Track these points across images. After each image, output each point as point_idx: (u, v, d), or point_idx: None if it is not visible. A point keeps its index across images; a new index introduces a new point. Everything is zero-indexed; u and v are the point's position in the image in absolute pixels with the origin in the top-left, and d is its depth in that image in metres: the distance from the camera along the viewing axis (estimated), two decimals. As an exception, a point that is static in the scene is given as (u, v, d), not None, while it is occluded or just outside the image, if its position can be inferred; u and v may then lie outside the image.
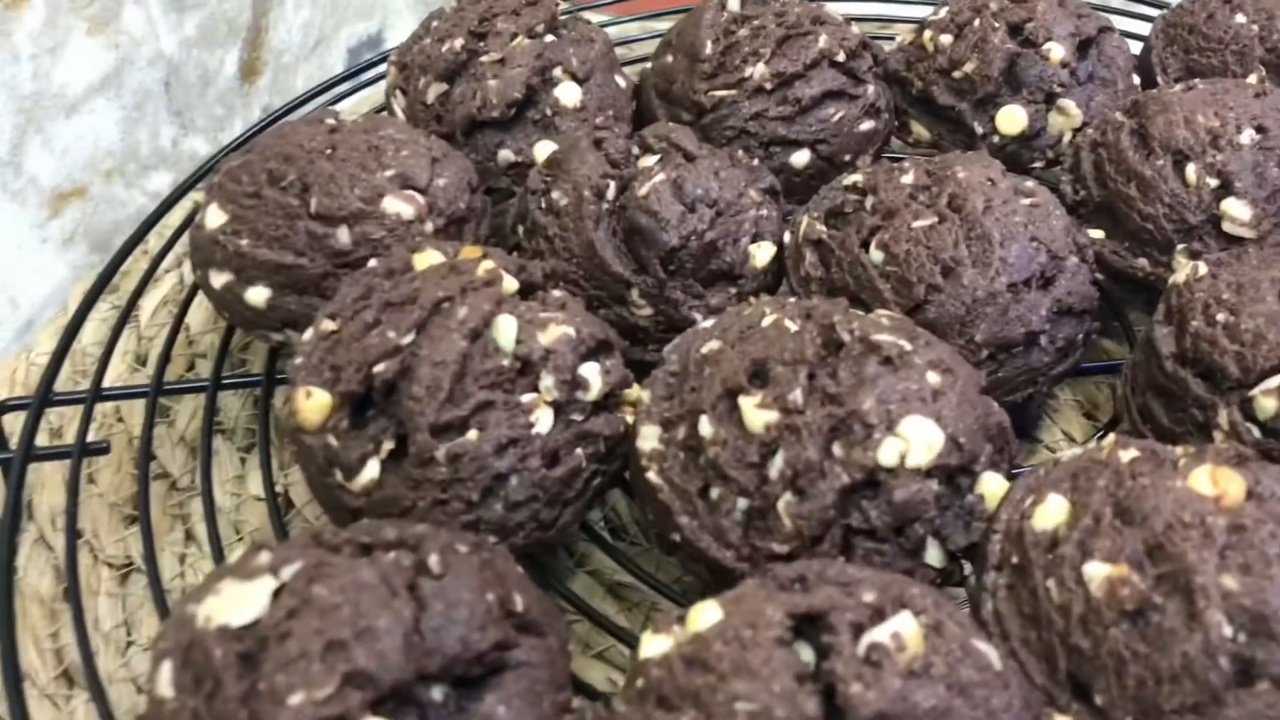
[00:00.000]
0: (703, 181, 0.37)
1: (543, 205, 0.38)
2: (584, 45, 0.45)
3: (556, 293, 0.34)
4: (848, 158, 0.44)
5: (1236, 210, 0.37)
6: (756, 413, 0.29)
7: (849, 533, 0.29)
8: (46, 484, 0.39)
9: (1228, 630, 0.24)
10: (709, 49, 0.44)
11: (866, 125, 0.44)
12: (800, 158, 0.43)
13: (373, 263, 0.34)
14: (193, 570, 0.36)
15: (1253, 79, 0.44)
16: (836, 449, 0.29)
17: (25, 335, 0.45)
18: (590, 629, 0.34)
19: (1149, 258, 0.39)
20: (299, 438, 0.31)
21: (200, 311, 0.44)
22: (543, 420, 0.31)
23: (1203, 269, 0.35)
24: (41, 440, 0.37)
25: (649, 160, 0.38)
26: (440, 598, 0.25)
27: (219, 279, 0.37)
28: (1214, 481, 0.26)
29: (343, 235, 0.36)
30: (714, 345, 0.31)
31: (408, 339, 0.31)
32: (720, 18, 0.44)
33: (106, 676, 0.33)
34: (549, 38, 0.44)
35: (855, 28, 0.45)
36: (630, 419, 0.32)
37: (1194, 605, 0.24)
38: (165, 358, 0.39)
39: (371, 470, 0.30)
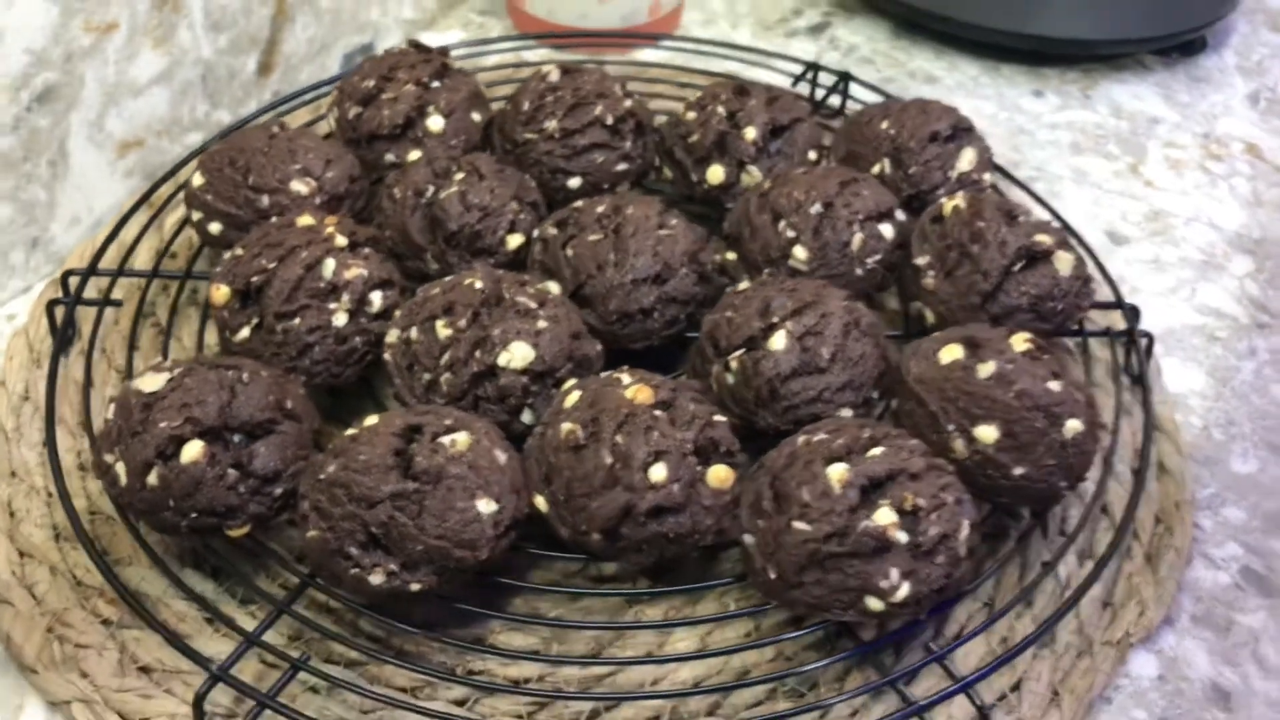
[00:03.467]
0: (479, 193, 0.62)
1: (390, 195, 0.64)
2: (453, 91, 0.70)
3: (367, 250, 0.60)
4: (607, 185, 0.69)
5: (799, 253, 0.62)
6: (442, 329, 0.55)
7: (477, 399, 0.54)
8: (87, 321, 0.66)
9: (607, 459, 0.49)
10: (526, 105, 0.69)
11: (620, 166, 0.68)
12: (573, 182, 0.68)
13: (274, 219, 0.61)
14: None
15: (877, 168, 0.68)
16: (477, 353, 0.54)
17: (94, 230, 0.73)
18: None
19: (751, 277, 0.63)
20: (212, 310, 0.58)
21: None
22: (339, 319, 0.57)
23: (745, 284, 0.59)
24: (88, 294, 0.65)
25: (458, 175, 0.64)
26: (244, 391, 0.51)
27: (195, 215, 0.64)
28: (638, 392, 0.51)
29: (264, 200, 0.62)
30: (433, 291, 0.57)
31: (273, 265, 0.57)
32: (540, 85, 0.69)
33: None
34: (434, 84, 0.70)
35: (629, 101, 0.70)
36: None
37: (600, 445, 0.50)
38: (163, 253, 0.66)
39: (244, 333, 0.56)
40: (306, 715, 0.46)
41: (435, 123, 0.68)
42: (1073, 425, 0.51)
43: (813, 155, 0.69)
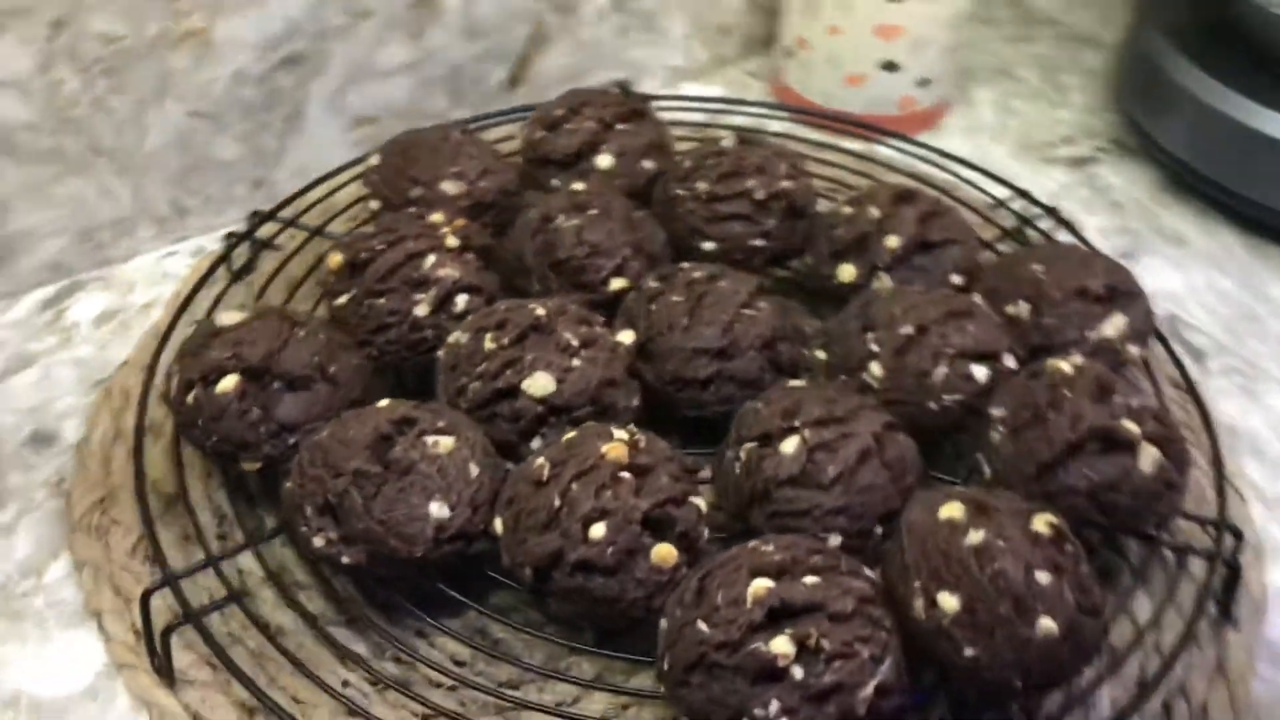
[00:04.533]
0: (596, 231, 0.65)
1: (525, 213, 0.68)
2: (633, 136, 0.73)
3: (472, 256, 0.64)
4: (740, 257, 0.69)
5: (875, 369, 0.59)
6: (488, 341, 0.58)
7: (494, 414, 0.57)
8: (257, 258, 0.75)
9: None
10: (688, 164, 0.70)
11: (757, 242, 0.68)
12: (708, 246, 0.68)
13: (412, 209, 0.66)
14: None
15: (1012, 308, 0.64)
16: (506, 371, 0.57)
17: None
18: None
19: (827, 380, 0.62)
20: (326, 273, 0.64)
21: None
22: (420, 310, 0.61)
23: (796, 383, 0.58)
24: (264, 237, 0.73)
25: (590, 211, 0.66)
26: (295, 345, 0.56)
27: (365, 191, 0.71)
28: (614, 449, 0.51)
29: (415, 191, 0.68)
30: (500, 307, 0.60)
31: (382, 246, 0.62)
32: (708, 149, 0.71)
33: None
34: (618, 125, 0.73)
35: (788, 182, 0.70)
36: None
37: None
38: (334, 217, 0.74)
39: (342, 300, 0.62)
40: (217, 641, 0.50)
41: (604, 160, 0.71)
42: (1045, 625, 0.47)
43: (957, 279, 0.66)
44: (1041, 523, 0.50)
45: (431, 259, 0.61)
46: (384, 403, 0.55)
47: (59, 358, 0.69)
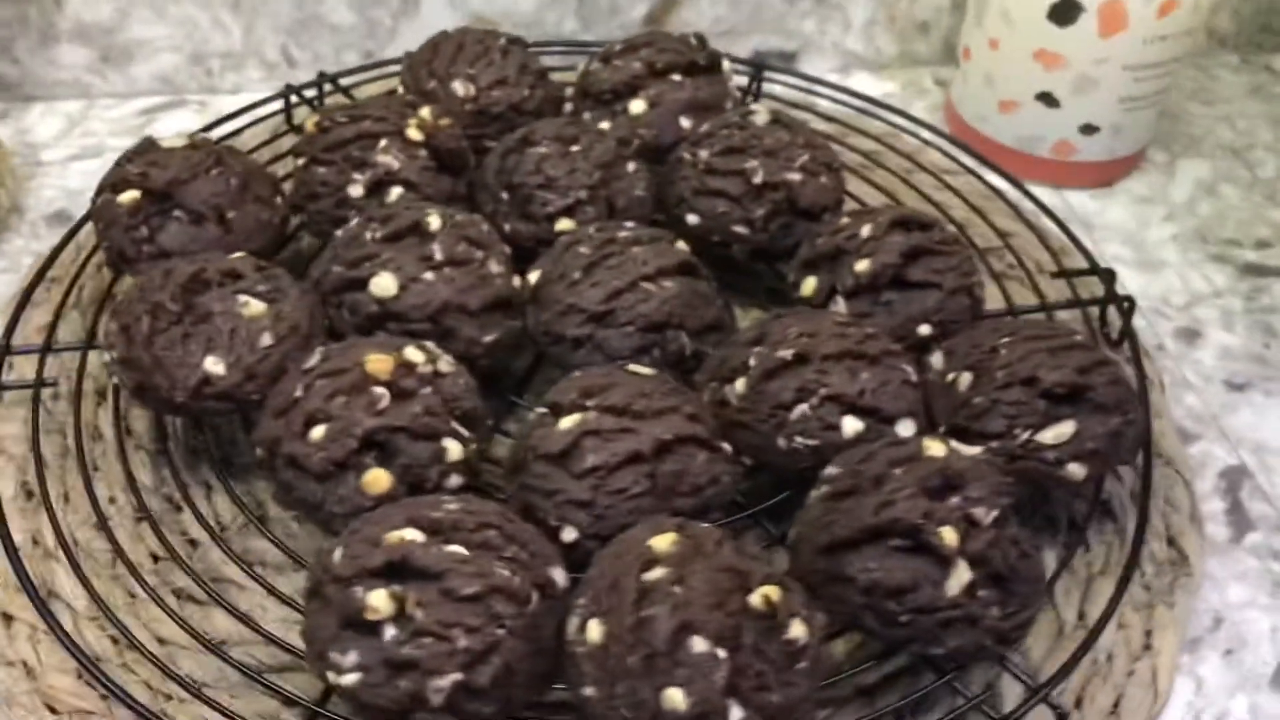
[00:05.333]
0: (558, 165, 0.61)
1: (512, 132, 0.65)
2: (680, 90, 0.68)
3: (427, 153, 0.62)
4: (717, 239, 0.63)
5: (739, 386, 0.52)
6: (368, 234, 0.57)
7: (340, 304, 0.56)
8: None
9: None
10: (706, 128, 0.65)
11: (738, 229, 0.62)
12: (690, 219, 0.63)
13: (410, 98, 0.66)
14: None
15: (953, 376, 0.54)
16: (365, 265, 0.55)
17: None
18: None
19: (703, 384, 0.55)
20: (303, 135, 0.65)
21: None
22: (354, 190, 0.60)
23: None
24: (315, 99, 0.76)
25: (573, 148, 0.63)
26: (209, 182, 0.58)
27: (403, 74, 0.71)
28: (378, 362, 0.49)
29: (430, 84, 0.67)
30: (403, 206, 0.58)
31: (343, 120, 0.62)
32: (735, 119, 0.65)
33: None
34: (676, 77, 0.68)
35: (797, 175, 0.62)
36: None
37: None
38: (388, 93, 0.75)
39: (300, 162, 0.64)
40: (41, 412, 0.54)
41: (636, 105, 0.68)
42: (672, 697, 0.40)
43: (925, 330, 0.57)
44: (760, 595, 0.42)
45: (383, 143, 0.61)
46: (238, 255, 0.55)
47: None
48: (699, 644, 0.40)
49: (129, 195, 0.57)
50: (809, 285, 0.59)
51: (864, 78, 0.88)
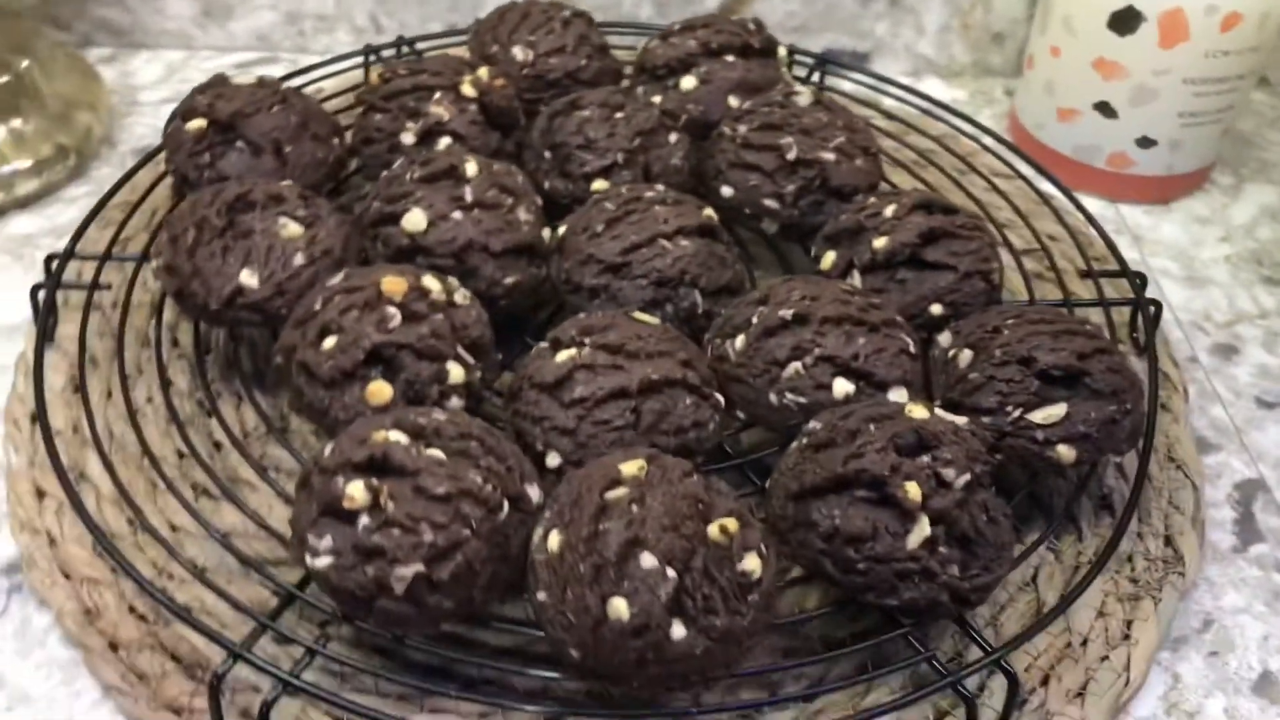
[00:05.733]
0: (599, 129, 0.64)
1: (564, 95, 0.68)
2: (731, 70, 0.70)
3: (477, 109, 0.65)
4: (749, 212, 0.64)
5: (738, 343, 0.54)
6: (409, 174, 0.60)
7: (375, 237, 0.59)
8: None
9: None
10: (748, 105, 0.67)
11: (768, 202, 0.63)
12: (725, 190, 0.64)
13: (474, 59, 0.69)
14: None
15: (954, 353, 0.54)
16: (402, 201, 0.59)
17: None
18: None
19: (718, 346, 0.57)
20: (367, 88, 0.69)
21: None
22: (406, 138, 0.64)
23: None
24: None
25: (617, 114, 0.65)
26: (271, 117, 0.62)
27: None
28: (393, 284, 0.52)
29: (492, 48, 0.71)
30: (449, 151, 0.62)
31: (403, 72, 0.66)
32: (778, 97, 0.66)
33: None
34: (730, 58, 0.70)
35: (831, 155, 0.64)
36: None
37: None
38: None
39: (360, 110, 0.67)
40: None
41: (687, 81, 0.70)
42: (617, 607, 0.42)
43: (936, 309, 0.58)
44: (718, 525, 0.44)
45: (437, 95, 0.64)
46: (285, 183, 0.59)
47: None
48: (648, 559, 0.42)
49: (196, 124, 0.62)
50: (828, 259, 0.60)
51: (934, 83, 0.88)
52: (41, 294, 0.59)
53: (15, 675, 0.49)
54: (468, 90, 0.65)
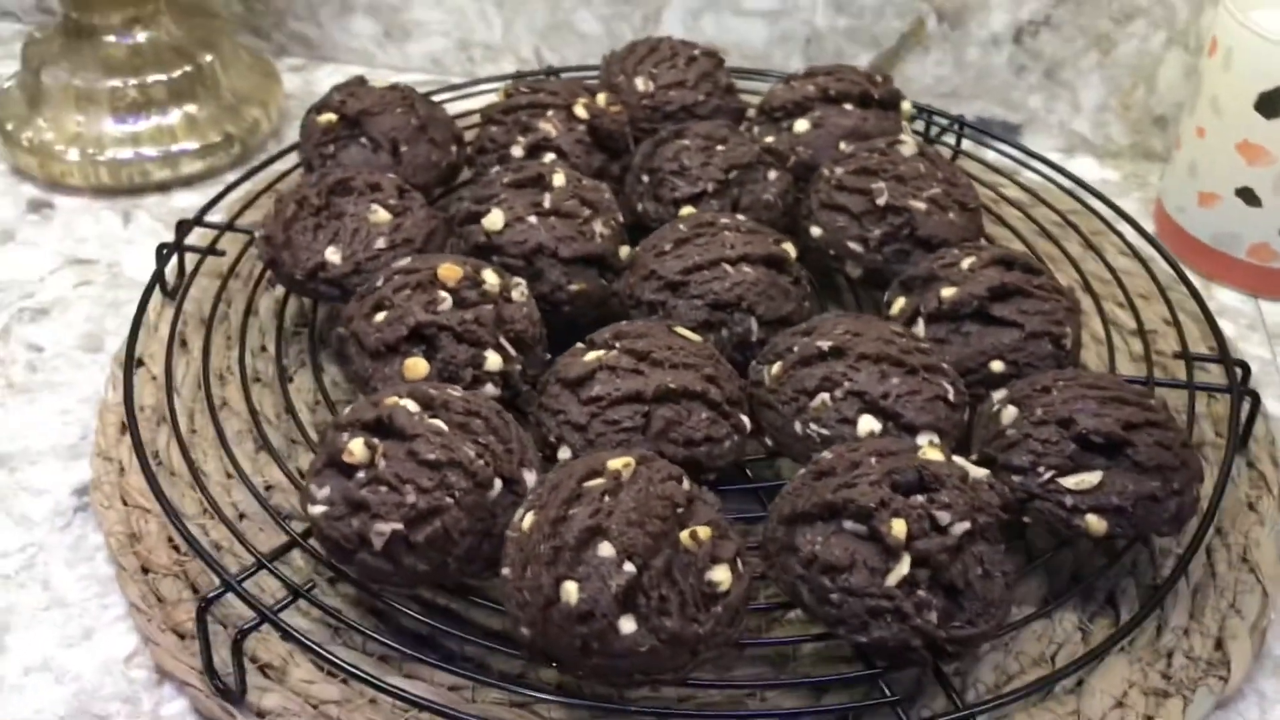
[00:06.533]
0: (694, 157, 0.65)
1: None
2: (843, 115, 0.70)
3: (587, 131, 0.68)
4: (834, 253, 0.64)
5: (775, 369, 0.54)
6: (500, 178, 0.63)
7: (460, 234, 0.62)
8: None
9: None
10: (848, 150, 0.67)
11: (854, 245, 0.63)
12: (815, 230, 0.65)
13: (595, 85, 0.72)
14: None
15: (996, 408, 0.52)
16: (489, 203, 0.61)
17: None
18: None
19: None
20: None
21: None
22: (516, 150, 0.67)
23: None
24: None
25: (718, 147, 0.67)
26: (385, 116, 0.67)
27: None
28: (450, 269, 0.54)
29: (619, 79, 0.74)
30: (543, 163, 0.64)
31: (524, 90, 0.69)
32: (882, 144, 0.66)
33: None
34: (848, 107, 0.71)
35: (922, 204, 0.63)
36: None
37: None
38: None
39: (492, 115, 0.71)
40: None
41: (800, 125, 0.71)
42: (569, 591, 0.42)
43: (998, 366, 0.56)
44: (690, 533, 0.44)
45: (550, 114, 0.67)
46: (388, 176, 0.63)
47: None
48: (605, 549, 0.42)
49: (326, 117, 0.67)
50: (898, 304, 0.59)
51: (1088, 162, 0.86)
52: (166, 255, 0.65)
53: (60, 582, 0.53)
54: (580, 112, 0.67)
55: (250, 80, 0.82)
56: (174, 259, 0.65)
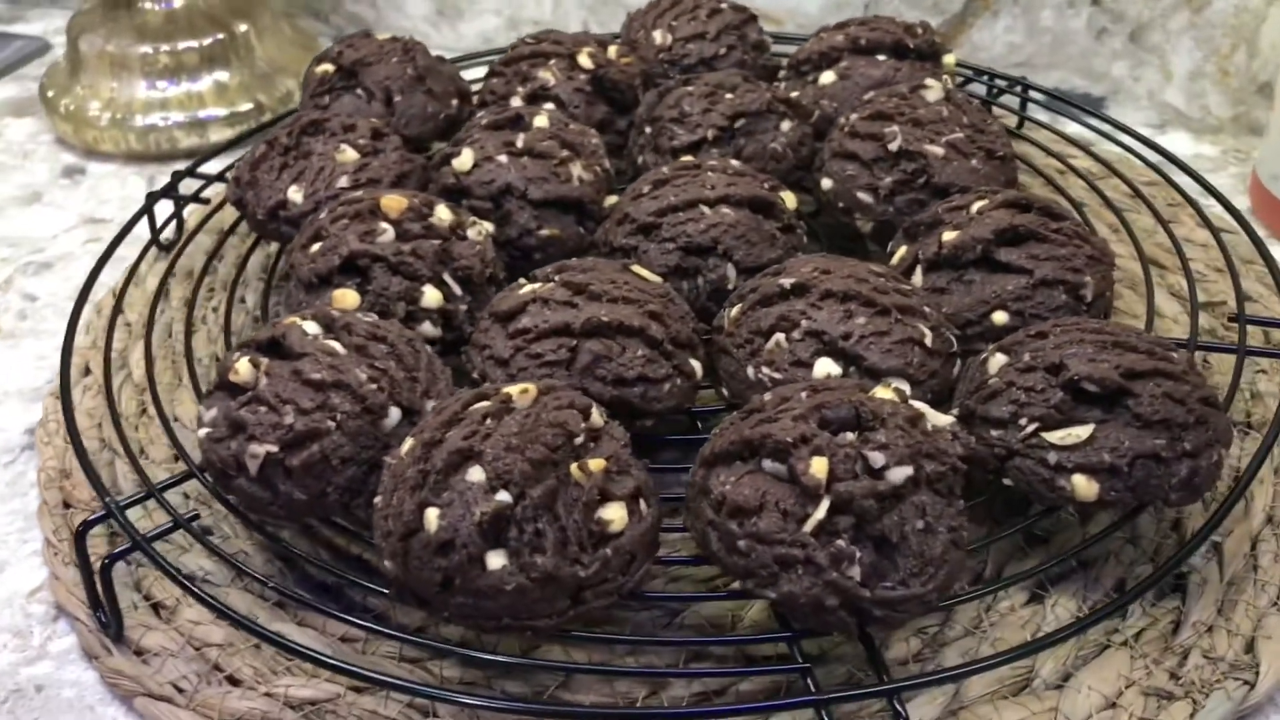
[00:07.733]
0: (696, 104, 0.60)
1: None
2: (873, 66, 0.64)
3: (586, 78, 0.64)
4: (844, 205, 0.58)
5: (734, 311, 0.48)
6: (484, 119, 0.59)
7: (438, 176, 0.58)
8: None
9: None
10: (867, 97, 0.60)
11: (863, 195, 0.57)
12: (826, 183, 0.59)
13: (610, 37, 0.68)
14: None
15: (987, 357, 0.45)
16: (466, 146, 0.58)
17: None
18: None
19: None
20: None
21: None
22: (516, 101, 0.64)
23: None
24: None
25: (727, 95, 0.61)
26: (379, 66, 0.64)
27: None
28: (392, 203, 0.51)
29: (639, 33, 0.69)
30: (537, 110, 0.60)
31: (530, 42, 0.66)
32: (905, 89, 0.60)
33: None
34: (877, 55, 0.65)
35: (940, 149, 0.56)
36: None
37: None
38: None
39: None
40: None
41: (827, 76, 0.65)
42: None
43: (1001, 317, 0.49)
44: (579, 465, 0.39)
45: (551, 62, 0.64)
46: (368, 119, 0.60)
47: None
48: (475, 474, 0.38)
49: (323, 67, 0.65)
50: (899, 253, 0.53)
51: (1181, 138, 0.77)
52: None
53: (-12, 518, 0.51)
54: (584, 61, 0.64)
55: (289, 52, 0.81)
56: (171, 213, 0.64)
